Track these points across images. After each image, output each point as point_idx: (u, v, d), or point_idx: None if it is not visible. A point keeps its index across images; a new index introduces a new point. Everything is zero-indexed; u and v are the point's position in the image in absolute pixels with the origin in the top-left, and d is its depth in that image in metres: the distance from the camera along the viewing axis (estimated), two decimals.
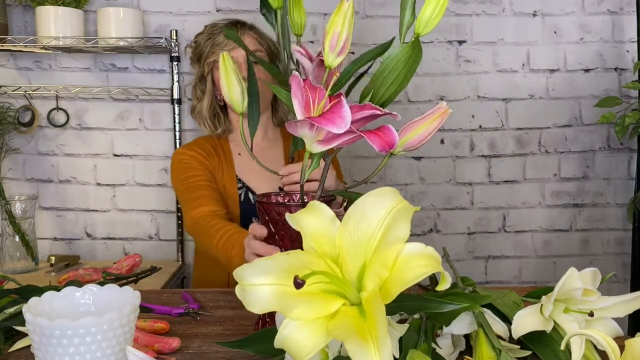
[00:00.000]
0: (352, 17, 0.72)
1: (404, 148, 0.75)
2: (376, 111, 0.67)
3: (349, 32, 0.73)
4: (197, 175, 1.42)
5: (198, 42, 1.50)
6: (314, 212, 0.58)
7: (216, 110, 1.53)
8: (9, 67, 1.93)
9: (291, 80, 0.69)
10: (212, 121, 1.52)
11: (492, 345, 0.63)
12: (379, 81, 0.74)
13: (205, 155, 1.47)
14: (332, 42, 0.73)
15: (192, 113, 1.57)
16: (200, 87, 1.53)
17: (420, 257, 0.52)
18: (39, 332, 0.56)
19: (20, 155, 1.94)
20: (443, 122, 0.74)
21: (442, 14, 0.72)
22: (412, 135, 0.74)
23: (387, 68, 0.73)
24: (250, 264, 0.54)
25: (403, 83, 0.73)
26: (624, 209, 2.02)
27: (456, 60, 1.98)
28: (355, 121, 0.68)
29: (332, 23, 0.73)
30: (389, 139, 0.67)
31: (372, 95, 0.74)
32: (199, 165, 1.45)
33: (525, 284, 2.04)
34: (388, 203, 0.55)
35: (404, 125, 0.74)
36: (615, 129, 1.80)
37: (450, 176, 2.02)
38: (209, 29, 1.48)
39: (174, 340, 0.77)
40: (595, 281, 0.72)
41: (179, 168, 1.45)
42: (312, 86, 0.68)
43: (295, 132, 0.69)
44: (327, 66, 0.75)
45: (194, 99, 1.55)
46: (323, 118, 0.64)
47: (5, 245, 1.71)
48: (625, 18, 1.98)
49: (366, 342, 0.46)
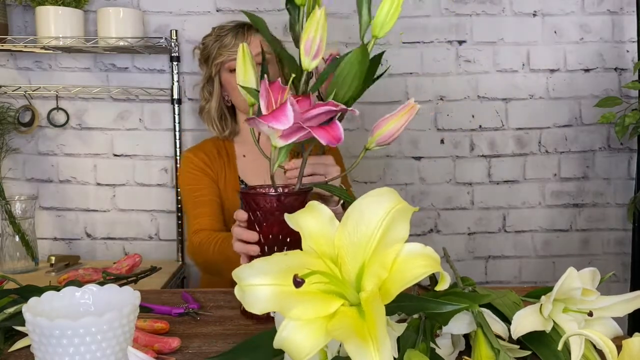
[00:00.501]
0: (325, 23, 0.78)
1: (377, 143, 0.82)
2: (332, 107, 0.74)
3: (322, 37, 0.79)
4: (202, 189, 1.49)
5: (206, 44, 1.52)
6: (312, 212, 0.58)
7: (224, 111, 1.56)
8: (9, 67, 1.93)
9: (261, 84, 0.77)
10: (219, 122, 1.56)
11: (491, 345, 0.63)
12: (339, 81, 0.80)
13: (209, 162, 1.52)
14: (307, 47, 0.79)
15: (200, 113, 1.61)
16: (208, 89, 1.56)
17: (419, 258, 0.52)
18: (38, 332, 0.56)
19: (20, 155, 1.94)
20: (411, 118, 0.80)
21: (397, 15, 0.77)
22: (383, 131, 0.80)
23: (345, 70, 0.79)
24: (249, 265, 0.55)
25: (360, 82, 0.80)
26: (624, 209, 2.02)
27: (456, 60, 1.98)
28: (314, 117, 0.75)
29: (307, 29, 0.78)
30: (335, 133, 0.74)
31: (335, 94, 0.81)
32: (203, 176, 1.50)
33: (525, 284, 2.04)
34: (387, 203, 0.55)
35: (377, 122, 0.80)
36: (615, 129, 1.80)
37: (450, 176, 2.02)
38: (216, 31, 1.50)
39: (174, 340, 0.77)
40: (594, 281, 0.72)
41: (187, 177, 1.52)
42: (276, 88, 0.78)
43: (257, 128, 0.77)
44: (304, 69, 0.81)
45: (202, 100, 1.59)
46: (270, 116, 0.72)
47: (5, 245, 1.71)
48: (625, 18, 1.98)
49: (365, 342, 0.46)
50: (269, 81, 0.78)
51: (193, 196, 1.48)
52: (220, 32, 1.49)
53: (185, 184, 1.52)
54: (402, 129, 0.81)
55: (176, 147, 1.92)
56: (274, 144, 0.79)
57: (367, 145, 0.82)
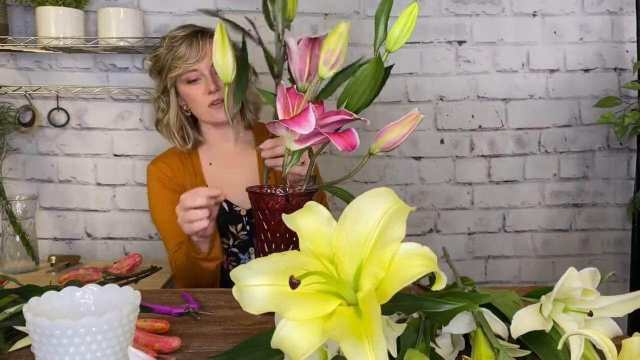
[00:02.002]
0: (347, 38, 0.84)
1: (380, 149, 0.86)
2: (346, 116, 0.78)
3: (342, 50, 0.84)
4: (172, 214, 1.23)
5: (158, 56, 1.42)
6: (310, 212, 0.59)
7: (183, 122, 1.47)
8: (9, 67, 1.93)
9: (278, 89, 0.81)
10: (179, 134, 1.46)
11: (491, 345, 0.63)
12: (352, 90, 0.85)
13: (172, 175, 1.45)
14: (327, 57, 0.84)
15: (157, 126, 1.50)
16: (164, 99, 1.46)
17: (416, 257, 0.53)
18: (39, 332, 0.56)
19: (20, 155, 1.94)
20: (415, 127, 0.85)
21: (410, 33, 0.83)
22: (387, 138, 0.85)
23: (358, 80, 0.84)
24: (247, 265, 0.55)
25: (372, 92, 0.85)
26: (623, 209, 2.03)
27: (456, 60, 1.98)
28: (329, 124, 0.78)
29: (329, 41, 0.84)
30: (351, 140, 0.78)
31: (347, 103, 0.85)
32: (167, 192, 1.42)
33: (525, 283, 2.04)
34: (384, 203, 0.55)
35: (381, 129, 0.84)
36: (615, 129, 1.80)
37: (450, 176, 2.02)
38: (168, 42, 1.40)
39: (174, 340, 0.78)
40: (594, 281, 0.72)
41: (157, 201, 1.44)
42: (293, 94, 0.82)
43: (275, 132, 0.80)
44: (320, 77, 0.86)
45: (159, 112, 1.49)
46: (292, 121, 0.75)
47: (5, 245, 1.71)
48: (625, 18, 1.98)
49: (362, 342, 0.47)
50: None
51: (160, 217, 1.42)
52: (173, 42, 1.39)
53: (155, 206, 1.45)
54: (406, 137, 0.85)
55: None
56: (288, 147, 0.81)
57: (372, 150, 0.86)
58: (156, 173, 1.45)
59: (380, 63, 0.83)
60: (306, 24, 1.93)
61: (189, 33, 1.40)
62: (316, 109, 0.79)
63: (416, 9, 0.83)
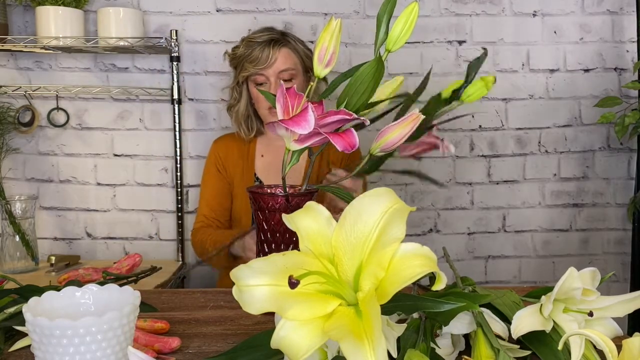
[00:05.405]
0: (339, 34, 0.83)
1: (381, 149, 0.85)
2: (346, 116, 0.78)
3: (335, 47, 0.84)
4: (214, 183, 1.67)
5: (235, 53, 1.58)
6: (310, 212, 0.59)
7: (250, 113, 1.64)
8: (9, 67, 1.93)
9: (278, 89, 0.82)
10: (245, 123, 1.64)
11: (491, 345, 0.63)
12: (352, 90, 0.85)
13: (224, 158, 1.67)
14: (321, 55, 0.84)
15: (229, 110, 1.67)
16: (238, 90, 1.63)
17: (416, 257, 0.52)
18: (39, 332, 0.56)
19: (20, 155, 1.94)
20: (415, 127, 0.84)
21: (410, 33, 0.83)
22: (387, 138, 0.84)
23: (358, 80, 0.84)
24: (247, 265, 0.55)
25: (372, 92, 0.86)
26: (623, 208, 2.02)
27: (456, 60, 1.98)
28: (329, 124, 0.78)
29: (321, 38, 0.83)
30: (351, 140, 0.78)
31: (347, 103, 0.85)
32: (216, 171, 1.67)
33: (525, 283, 2.04)
34: (384, 203, 0.55)
35: (382, 129, 0.84)
36: (615, 129, 1.80)
37: (450, 176, 2.02)
38: (246, 42, 1.56)
39: (174, 340, 0.77)
40: (594, 281, 0.72)
41: (209, 170, 1.69)
42: (292, 94, 0.81)
43: (275, 132, 0.80)
44: (316, 76, 0.86)
45: (231, 99, 1.65)
46: (291, 121, 0.75)
47: (5, 245, 1.71)
48: (625, 18, 1.98)
49: (362, 342, 0.46)
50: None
51: (202, 190, 1.69)
52: (250, 43, 1.54)
53: (206, 172, 1.69)
54: (405, 137, 0.85)
55: (176, 147, 1.92)
56: (288, 147, 0.82)
57: (371, 150, 0.86)
58: (215, 150, 1.69)
59: (380, 63, 0.83)
60: (306, 24, 1.93)
61: (265, 40, 1.54)
62: (315, 109, 0.79)
63: (416, 9, 0.83)
